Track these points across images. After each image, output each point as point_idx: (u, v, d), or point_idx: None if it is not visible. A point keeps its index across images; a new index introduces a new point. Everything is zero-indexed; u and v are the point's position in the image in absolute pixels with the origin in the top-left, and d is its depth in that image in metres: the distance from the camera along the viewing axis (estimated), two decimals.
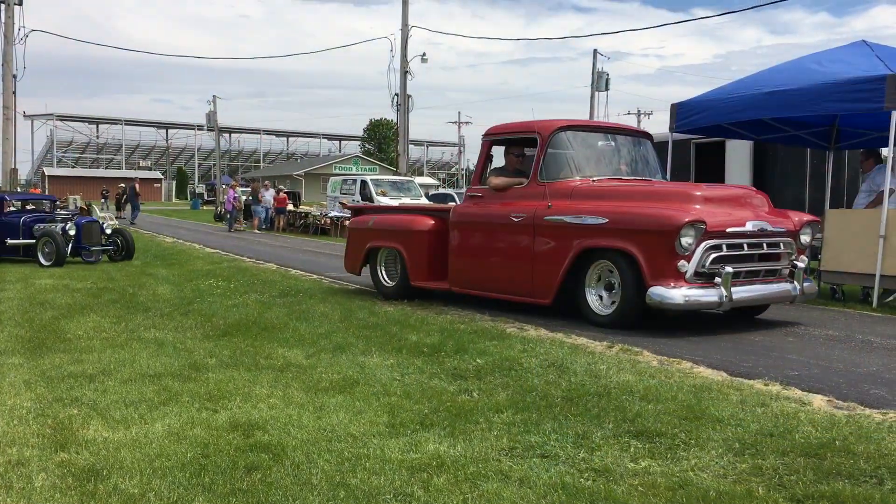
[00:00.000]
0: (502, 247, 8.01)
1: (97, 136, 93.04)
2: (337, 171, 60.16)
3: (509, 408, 4.43)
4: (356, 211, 10.90)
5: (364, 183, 27.75)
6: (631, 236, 6.82)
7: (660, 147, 14.54)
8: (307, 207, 33.18)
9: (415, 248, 8.80)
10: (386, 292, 9.29)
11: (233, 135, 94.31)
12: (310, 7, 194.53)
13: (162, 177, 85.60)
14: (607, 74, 42.06)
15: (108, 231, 14.93)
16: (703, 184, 9.21)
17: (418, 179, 39.99)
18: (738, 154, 13.90)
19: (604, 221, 7.02)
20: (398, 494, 3.23)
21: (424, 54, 33.43)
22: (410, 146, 37.38)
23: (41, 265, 13.28)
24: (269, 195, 28.90)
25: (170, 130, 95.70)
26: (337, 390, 4.89)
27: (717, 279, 6.64)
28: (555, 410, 4.37)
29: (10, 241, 13.96)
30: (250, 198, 28.58)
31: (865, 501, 3.09)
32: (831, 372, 5.42)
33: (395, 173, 35.92)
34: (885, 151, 9.93)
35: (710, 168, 14.66)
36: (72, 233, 13.90)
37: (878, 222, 8.58)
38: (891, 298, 8.74)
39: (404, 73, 32.57)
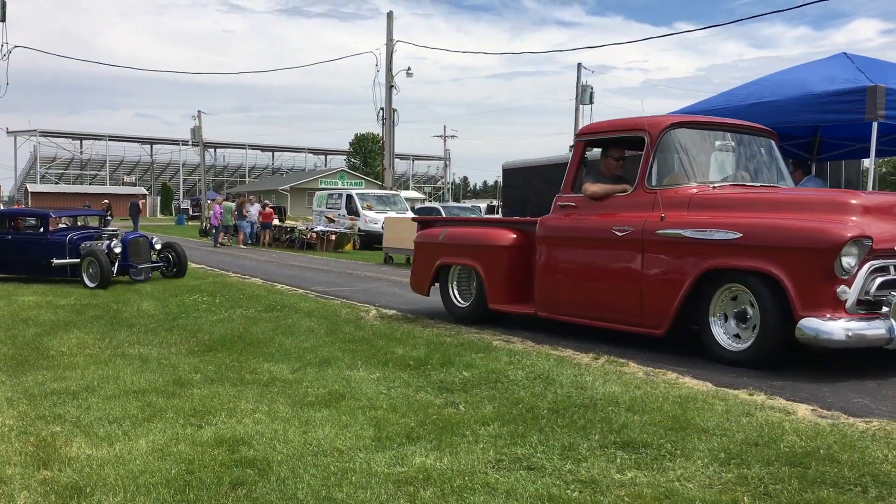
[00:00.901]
0: (602, 266, 6.90)
1: (81, 152, 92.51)
2: (322, 186, 60.05)
3: (496, 420, 4.43)
4: (423, 223, 9.55)
5: (350, 197, 27.73)
6: (774, 255, 5.67)
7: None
8: (293, 222, 33.12)
9: (493, 265, 7.85)
10: (458, 315, 8.40)
11: (218, 150, 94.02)
12: (295, 22, 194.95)
13: (146, 192, 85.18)
14: (591, 88, 42.33)
15: (158, 246, 14.14)
16: (858, 190, 7.97)
17: (404, 193, 40.02)
18: (722, 165, 13.98)
19: (736, 237, 5.88)
20: None
21: (409, 69, 33.53)
22: (396, 160, 37.41)
23: (86, 286, 12.48)
24: (254, 210, 28.81)
25: (154, 146, 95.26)
26: (323, 404, 4.88)
27: (885, 308, 5.49)
28: (541, 422, 4.37)
29: (55, 262, 13.06)
30: (236, 212, 28.45)
31: None
32: (815, 381, 5.45)
33: (381, 187, 35.95)
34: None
35: None
36: (117, 250, 13.04)
37: None
38: None
39: (389, 87, 32.65)
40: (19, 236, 13.79)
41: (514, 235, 7.84)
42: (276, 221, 29.93)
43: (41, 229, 13.64)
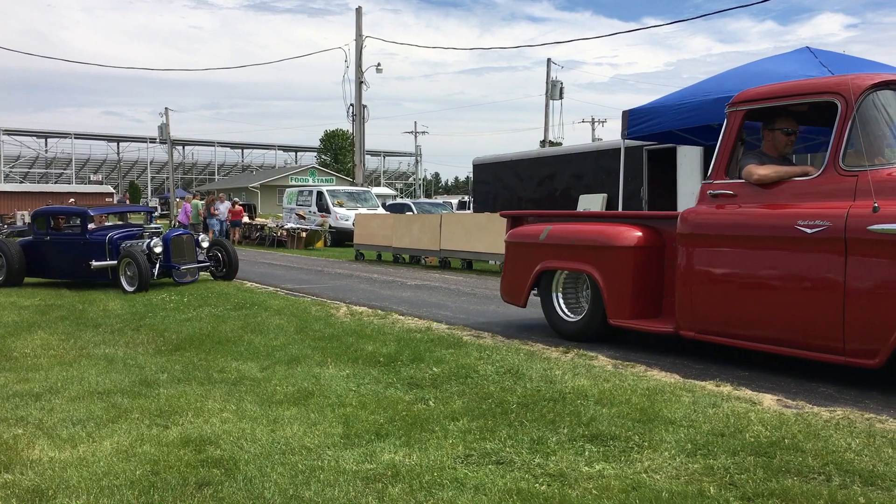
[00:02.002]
0: (781, 272, 5.29)
1: (46, 151, 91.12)
2: (293, 183, 59.73)
3: (465, 415, 4.43)
4: (515, 220, 7.90)
5: (320, 194, 27.60)
6: None
7: (613, 154, 14.76)
8: (263, 219, 32.90)
9: (615, 271, 6.45)
10: (567, 331, 7.03)
11: (186, 147, 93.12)
12: (263, 18, 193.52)
13: (114, 191, 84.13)
14: (561, 83, 42.50)
15: (205, 244, 13.03)
16: None
17: (375, 190, 39.96)
18: (689, 160, 14.14)
19: None
20: None
21: (379, 64, 33.44)
22: (367, 156, 37.34)
23: (125, 290, 11.43)
24: (223, 208, 28.56)
25: (121, 143, 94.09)
26: (291, 402, 4.84)
27: None
28: (510, 417, 4.37)
29: (94, 264, 11.92)
30: (205, 210, 28.17)
31: (814, 498, 3.14)
32: (781, 372, 5.52)
33: (352, 184, 35.81)
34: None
35: (662, 173, 14.91)
36: (158, 250, 11.96)
37: None
38: None
39: (359, 83, 32.53)
40: (58, 237, 12.82)
41: (641, 233, 6.42)
42: (245, 219, 29.72)
43: (80, 229, 12.64)
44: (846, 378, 5.28)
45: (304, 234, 24.51)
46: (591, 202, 16.02)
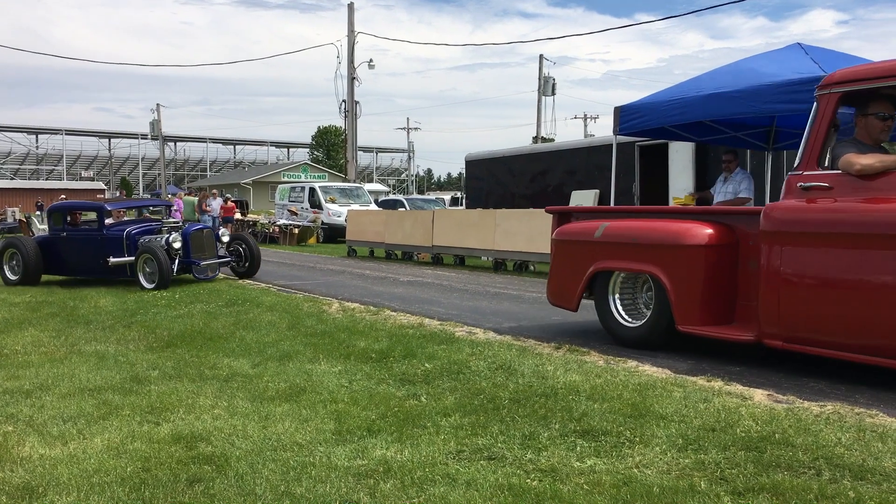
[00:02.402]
0: (885, 275, 4.69)
1: (36, 147, 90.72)
2: (285, 179, 59.66)
3: (457, 411, 4.43)
4: (563, 215, 7.27)
5: (313, 190, 27.57)
6: None
7: (605, 150, 14.78)
8: (255, 216, 32.83)
9: (685, 272, 5.85)
10: (627, 338, 6.44)
11: (178, 143, 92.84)
12: (254, 14, 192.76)
13: (105, 187, 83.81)
14: (554, 79, 42.49)
15: (226, 239, 12.68)
16: None
17: (368, 186, 39.91)
18: (681, 155, 14.17)
19: None
20: (344, 501, 3.20)
21: (371, 60, 33.39)
22: (359, 153, 37.29)
23: (143, 287, 11.12)
24: (215, 204, 28.47)
25: (112, 140, 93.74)
26: (283, 399, 4.84)
27: None
28: (502, 412, 4.38)
29: (112, 260, 11.57)
30: (197, 206, 28.07)
31: (804, 492, 3.16)
32: (771, 367, 5.54)
33: (344, 180, 35.77)
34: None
35: (654, 169, 14.93)
36: (177, 245, 11.58)
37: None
38: None
39: (351, 79, 32.47)
40: (75, 233, 12.42)
41: (712, 230, 5.81)
42: (238, 215, 29.64)
43: (97, 224, 12.26)
44: (836, 373, 5.30)
45: (296, 231, 24.47)
46: (584, 198, 16.04)
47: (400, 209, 24.57)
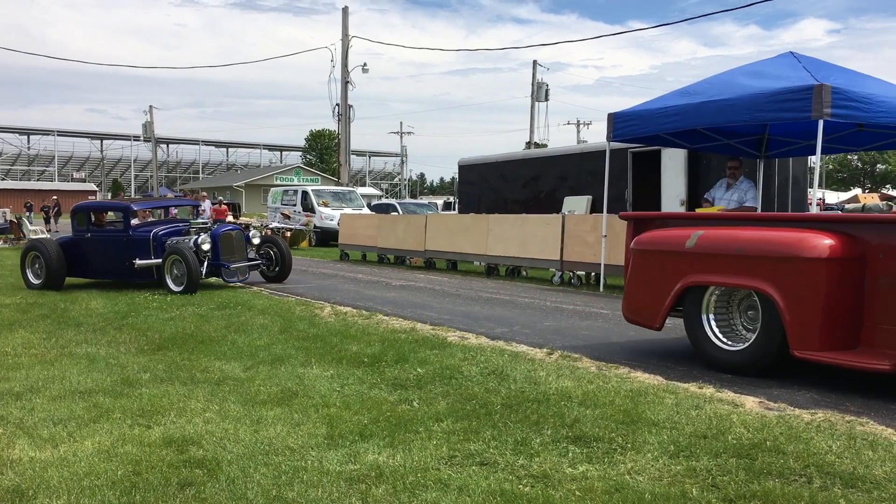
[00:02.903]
0: None
1: (28, 148, 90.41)
2: (278, 182, 59.57)
3: (449, 416, 4.43)
4: (640, 221, 6.63)
5: (305, 193, 27.50)
6: None
7: (598, 156, 14.81)
8: (247, 219, 32.75)
9: (803, 289, 5.13)
10: (725, 362, 5.72)
11: (170, 145, 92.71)
12: (248, 16, 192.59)
13: (96, 189, 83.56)
14: (547, 85, 42.57)
15: (256, 241, 12.01)
16: None
17: (361, 190, 39.88)
18: (674, 162, 14.21)
19: None
20: None
21: (365, 64, 33.35)
22: (353, 156, 37.25)
23: (171, 291, 10.62)
24: (206, 206, 28.39)
25: (104, 141, 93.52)
26: (275, 403, 4.82)
27: None
28: (494, 418, 4.37)
29: (138, 262, 11.06)
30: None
31: (795, 500, 3.17)
32: (763, 375, 5.54)
33: (337, 184, 35.73)
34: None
35: (647, 176, 14.97)
36: (206, 247, 11.04)
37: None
38: None
39: (345, 83, 32.45)
40: (100, 234, 11.87)
41: (833, 241, 5.10)
42: (230, 218, 29.57)
43: (122, 225, 11.72)
44: (827, 382, 5.32)
45: (288, 234, 24.40)
46: (576, 204, 16.06)
47: (393, 213, 24.55)
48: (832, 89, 8.49)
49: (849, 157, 68.84)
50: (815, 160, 9.49)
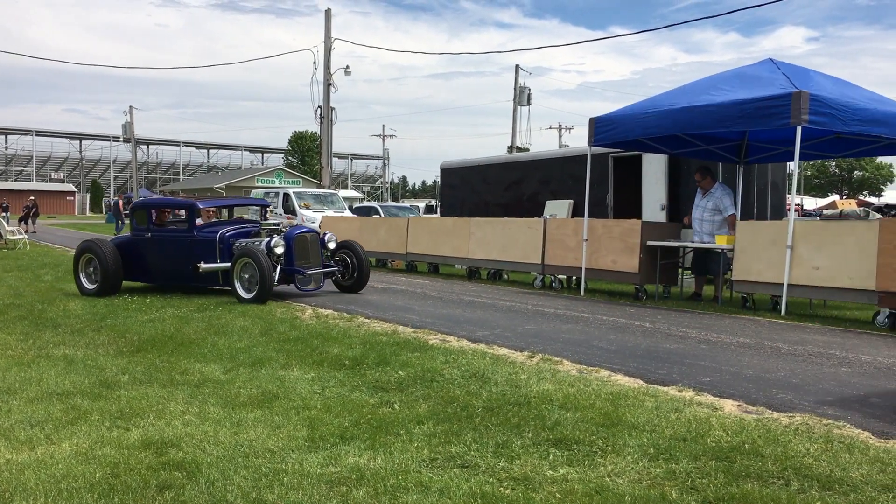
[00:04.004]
0: None
1: (6, 148, 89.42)
2: (259, 184, 59.29)
3: (430, 419, 4.43)
4: None
5: (287, 196, 27.40)
6: None
7: (579, 160, 14.87)
8: None
9: None
10: None
11: (151, 146, 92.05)
12: (230, 17, 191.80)
13: (75, 189, 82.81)
14: (529, 89, 42.70)
15: (332, 245, 10.92)
16: None
17: (343, 192, 39.77)
18: (654, 167, 14.29)
19: None
20: None
21: (348, 67, 33.31)
22: (335, 159, 37.20)
23: (241, 299, 9.72)
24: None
25: (84, 141, 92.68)
26: (255, 405, 4.80)
27: None
28: (475, 420, 4.38)
29: (203, 266, 10.21)
30: None
31: (773, 502, 3.20)
32: (742, 378, 5.59)
33: (319, 186, 35.63)
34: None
35: (628, 180, 15.05)
36: (279, 250, 10.06)
37: (785, 233, 8.93)
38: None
39: (327, 85, 32.38)
40: (161, 234, 11.04)
41: None
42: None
43: (187, 224, 10.91)
44: (805, 385, 5.37)
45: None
46: (558, 208, 16.12)
47: (375, 216, 24.51)
48: (811, 96, 8.59)
49: (827, 163, 69.54)
50: (793, 166, 9.60)
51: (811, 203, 42.20)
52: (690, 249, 10.89)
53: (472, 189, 19.92)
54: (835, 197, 56.90)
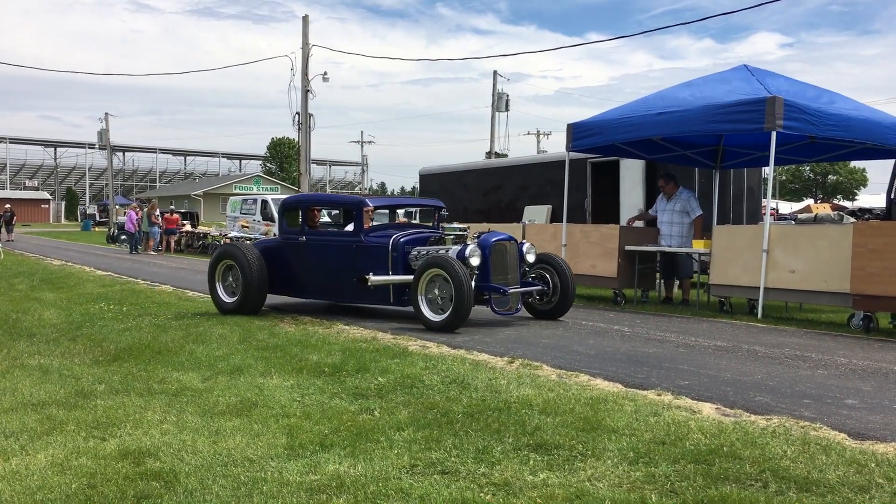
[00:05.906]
0: None
1: None
2: (237, 191, 59.05)
3: (411, 425, 4.42)
4: None
5: (265, 202, 27.30)
6: None
7: (557, 166, 14.94)
8: (206, 228, 32.36)
9: None
10: None
11: (126, 153, 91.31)
12: (206, 24, 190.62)
13: (50, 197, 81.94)
14: (507, 95, 42.77)
15: (531, 258, 8.80)
16: None
17: None
18: (632, 172, 14.39)
19: None
20: None
21: (326, 73, 33.21)
22: (313, 165, 37.07)
23: (428, 323, 7.94)
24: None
25: (58, 149, 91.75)
26: (234, 413, 4.77)
27: None
28: (456, 426, 4.38)
29: (373, 279, 8.37)
30: (146, 218, 27.49)
31: None
32: (720, 381, 5.64)
33: (298, 192, 35.50)
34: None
35: (606, 185, 15.14)
36: (475, 262, 8.11)
37: (761, 237, 9.02)
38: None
39: (305, 91, 32.29)
40: (318, 238, 9.29)
41: None
42: (188, 227, 29.19)
43: (351, 227, 9.19)
44: (783, 388, 5.42)
45: (248, 243, 24.19)
46: (536, 213, 16.17)
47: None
48: (784, 102, 8.69)
49: (801, 168, 70.34)
50: (768, 171, 9.71)
51: (786, 207, 42.69)
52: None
53: (451, 195, 19.93)
54: (809, 201, 57.55)
